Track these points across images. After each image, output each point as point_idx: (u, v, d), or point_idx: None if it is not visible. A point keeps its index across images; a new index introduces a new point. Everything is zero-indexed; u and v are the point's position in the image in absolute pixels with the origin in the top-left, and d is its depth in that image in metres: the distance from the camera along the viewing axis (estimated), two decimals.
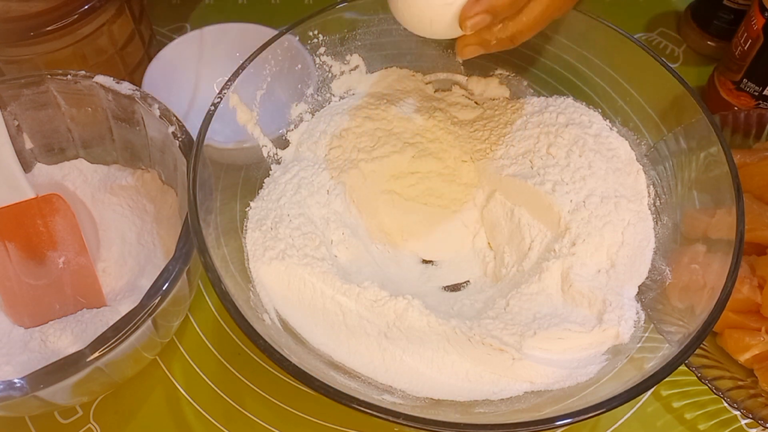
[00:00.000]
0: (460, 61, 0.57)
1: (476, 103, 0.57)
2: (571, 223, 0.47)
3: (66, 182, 0.54)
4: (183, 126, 0.49)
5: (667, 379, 0.37)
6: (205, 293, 0.54)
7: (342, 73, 0.56)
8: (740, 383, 0.47)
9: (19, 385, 0.38)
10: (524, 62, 0.56)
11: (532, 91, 0.56)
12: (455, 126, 0.55)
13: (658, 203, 0.49)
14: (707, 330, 0.38)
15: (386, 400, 0.40)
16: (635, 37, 0.49)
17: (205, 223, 0.41)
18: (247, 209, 0.48)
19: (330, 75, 0.56)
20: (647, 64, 0.48)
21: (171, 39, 0.62)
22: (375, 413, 0.35)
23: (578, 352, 0.42)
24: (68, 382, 0.39)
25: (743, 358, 0.48)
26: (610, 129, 0.52)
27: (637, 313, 0.44)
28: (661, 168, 0.49)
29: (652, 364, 0.39)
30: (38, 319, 0.49)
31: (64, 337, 0.47)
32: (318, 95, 0.55)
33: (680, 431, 0.49)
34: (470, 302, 0.47)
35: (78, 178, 0.55)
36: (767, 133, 0.57)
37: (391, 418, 0.35)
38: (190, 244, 0.42)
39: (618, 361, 0.42)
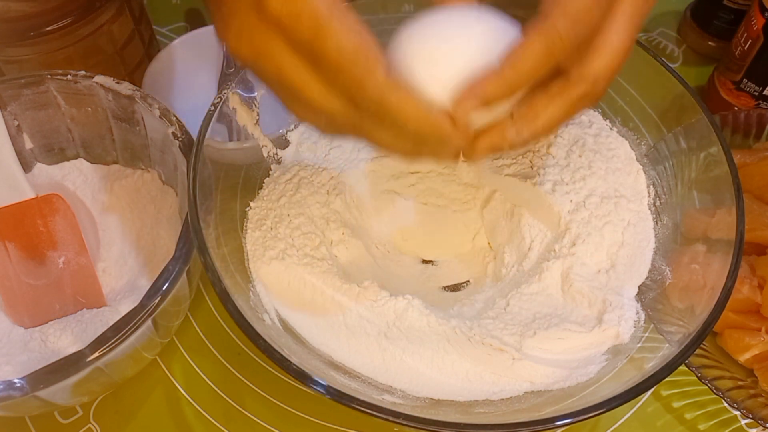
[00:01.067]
0: None
1: None
2: (571, 223, 0.47)
3: (66, 182, 0.54)
4: (183, 126, 0.49)
5: (667, 379, 0.37)
6: (205, 293, 0.54)
7: None
8: (740, 383, 0.47)
9: (19, 385, 0.38)
10: None
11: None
12: None
13: (658, 203, 0.49)
14: (707, 330, 0.38)
15: (386, 400, 0.40)
16: None
17: (205, 223, 0.41)
18: (247, 209, 0.48)
19: None
20: (647, 64, 0.48)
21: (171, 39, 0.62)
22: (375, 413, 0.35)
23: (578, 352, 0.42)
24: (68, 382, 0.39)
25: (743, 358, 0.48)
26: (610, 129, 0.52)
27: (637, 313, 0.44)
28: (661, 168, 0.49)
29: (652, 364, 0.39)
30: (38, 319, 0.49)
31: (64, 337, 0.47)
32: None
33: (680, 431, 0.49)
34: (470, 302, 0.47)
35: (78, 178, 0.55)
36: (767, 133, 0.57)
37: (391, 418, 0.35)
38: (190, 244, 0.42)
39: (618, 361, 0.42)
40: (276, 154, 0.52)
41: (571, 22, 0.29)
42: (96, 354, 0.39)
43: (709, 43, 0.69)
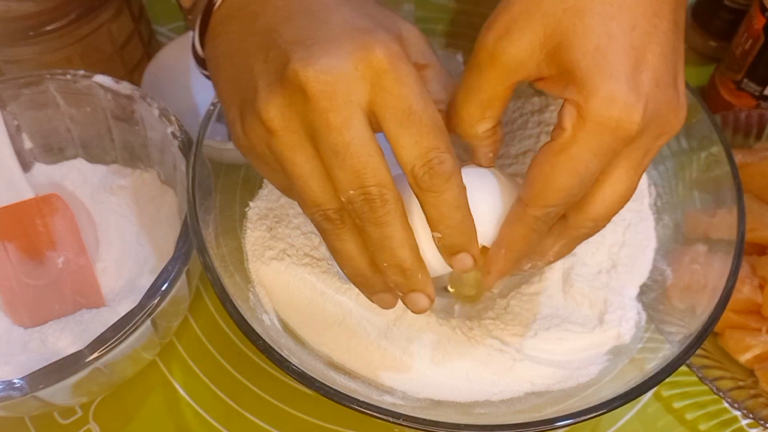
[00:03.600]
0: (461, 60, 0.57)
1: None
2: None
3: (65, 182, 0.54)
4: (182, 126, 0.49)
5: (668, 379, 0.37)
6: (204, 294, 0.54)
7: None
8: (741, 383, 0.47)
9: (18, 385, 0.38)
10: None
11: (532, 90, 0.56)
12: None
13: (659, 203, 0.48)
14: (708, 330, 0.38)
15: (386, 401, 0.40)
16: None
17: (204, 223, 0.41)
18: (246, 209, 0.48)
19: None
20: None
21: (171, 39, 0.61)
22: (375, 414, 0.35)
23: (579, 352, 0.42)
24: (68, 382, 0.39)
25: (744, 358, 0.48)
26: None
27: (638, 313, 0.44)
28: (662, 168, 0.49)
29: (653, 364, 0.38)
30: (38, 319, 0.49)
31: (64, 337, 0.47)
32: None
33: (681, 431, 0.49)
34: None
35: (77, 178, 0.55)
36: None
37: (391, 419, 0.35)
38: (190, 244, 0.42)
39: (619, 361, 0.42)
40: None
41: (544, 206, 0.32)
42: (95, 354, 0.39)
43: (710, 43, 0.69)
